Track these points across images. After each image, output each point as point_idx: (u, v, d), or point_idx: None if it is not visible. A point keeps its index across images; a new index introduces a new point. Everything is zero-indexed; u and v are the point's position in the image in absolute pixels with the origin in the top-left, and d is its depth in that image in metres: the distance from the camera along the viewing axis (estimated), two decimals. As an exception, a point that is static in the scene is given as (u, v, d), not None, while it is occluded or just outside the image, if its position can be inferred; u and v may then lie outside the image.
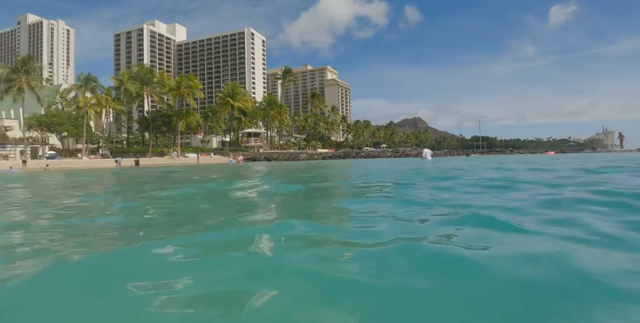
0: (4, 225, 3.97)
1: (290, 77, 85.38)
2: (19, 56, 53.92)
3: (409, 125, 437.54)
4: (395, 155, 71.08)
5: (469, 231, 2.83)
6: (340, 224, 3.67)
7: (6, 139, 56.13)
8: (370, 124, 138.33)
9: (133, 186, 10.84)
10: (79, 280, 1.97)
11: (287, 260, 2.21)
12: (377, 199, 5.28)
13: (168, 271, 2.09)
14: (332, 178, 12.24)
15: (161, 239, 3.08)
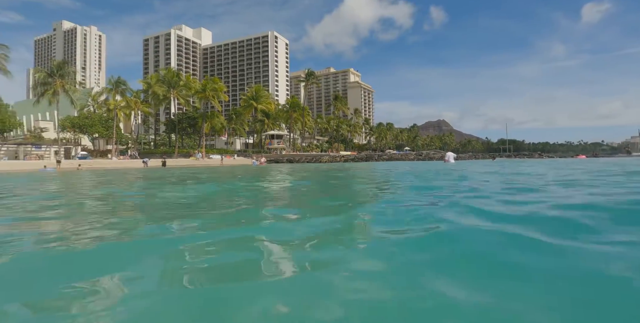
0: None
1: (313, 80, 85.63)
2: (54, 61, 56.26)
3: (432, 128, 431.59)
4: (419, 158, 70.05)
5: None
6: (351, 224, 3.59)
7: (42, 140, 58.72)
8: (393, 126, 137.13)
9: (159, 183, 11.03)
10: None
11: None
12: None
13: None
14: (355, 179, 12.11)
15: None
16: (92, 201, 6.41)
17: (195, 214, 4.56)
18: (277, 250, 2.49)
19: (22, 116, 69.95)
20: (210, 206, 5.56)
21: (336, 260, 2.20)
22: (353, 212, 4.31)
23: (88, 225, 3.77)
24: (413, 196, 5.97)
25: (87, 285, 1.83)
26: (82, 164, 40.01)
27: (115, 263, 2.26)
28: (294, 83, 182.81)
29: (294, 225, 3.54)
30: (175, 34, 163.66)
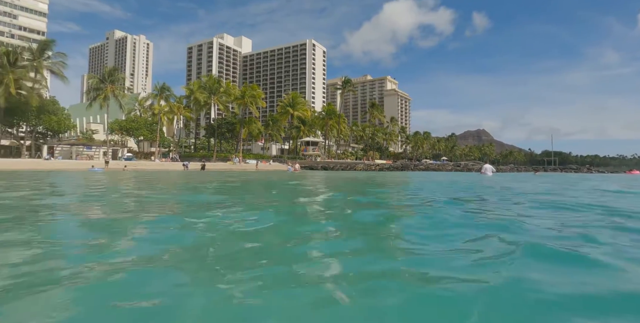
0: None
1: (349, 88, 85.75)
2: (106, 68, 59.80)
3: (471, 137, 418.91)
4: (457, 169, 68.00)
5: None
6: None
7: (92, 141, 62.35)
8: (430, 135, 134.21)
9: (198, 185, 11.34)
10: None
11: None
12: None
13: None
14: (392, 190, 11.87)
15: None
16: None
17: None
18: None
19: (76, 119, 74.56)
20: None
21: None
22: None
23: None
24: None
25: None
26: (127, 165, 42.02)
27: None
28: (331, 90, 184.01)
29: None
30: (217, 42, 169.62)
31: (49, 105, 57.73)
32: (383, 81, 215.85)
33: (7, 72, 47.12)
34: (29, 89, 50.37)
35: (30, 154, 53.96)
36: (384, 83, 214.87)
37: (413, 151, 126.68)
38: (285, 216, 5.03)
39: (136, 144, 75.38)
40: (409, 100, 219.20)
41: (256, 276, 2.20)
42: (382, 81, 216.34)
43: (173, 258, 2.66)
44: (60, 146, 56.85)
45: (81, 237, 3.52)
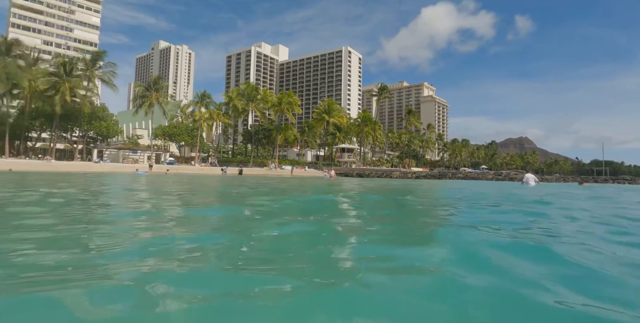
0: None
1: (385, 94, 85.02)
2: (151, 76, 62.83)
3: (513, 145, 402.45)
4: (497, 178, 65.27)
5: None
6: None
7: (137, 146, 65.47)
8: (469, 143, 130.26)
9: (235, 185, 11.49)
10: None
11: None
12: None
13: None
14: (436, 200, 11.48)
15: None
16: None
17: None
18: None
19: (123, 124, 78.63)
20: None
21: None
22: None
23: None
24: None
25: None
26: (169, 169, 43.67)
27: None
28: (366, 97, 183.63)
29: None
30: (255, 51, 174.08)
31: (100, 112, 61.33)
32: (420, 88, 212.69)
33: (64, 81, 50.55)
34: (82, 97, 53.77)
35: (82, 157, 57.41)
36: (421, 89, 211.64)
37: (450, 159, 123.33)
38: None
39: (178, 149, 78.40)
40: (446, 107, 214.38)
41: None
42: (419, 87, 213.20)
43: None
44: (108, 150, 60.13)
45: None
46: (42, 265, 2.42)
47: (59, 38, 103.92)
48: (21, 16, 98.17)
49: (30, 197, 7.84)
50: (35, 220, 4.47)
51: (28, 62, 52.56)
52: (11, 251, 2.76)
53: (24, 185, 12.48)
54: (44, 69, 54.99)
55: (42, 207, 5.88)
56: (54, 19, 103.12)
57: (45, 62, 57.94)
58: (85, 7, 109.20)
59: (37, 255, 2.75)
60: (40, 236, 3.47)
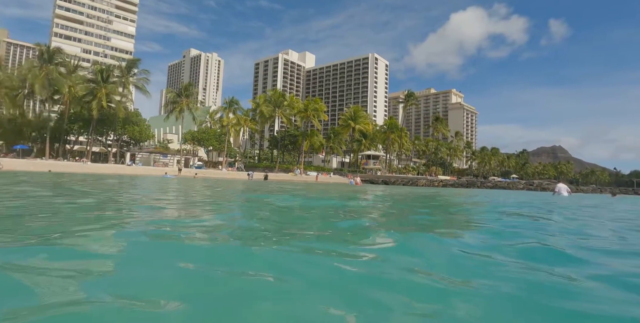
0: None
1: (412, 101, 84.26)
2: (182, 83, 64.72)
3: (546, 154, 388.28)
4: (529, 188, 63.07)
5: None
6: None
7: (168, 150, 67.36)
8: (499, 151, 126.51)
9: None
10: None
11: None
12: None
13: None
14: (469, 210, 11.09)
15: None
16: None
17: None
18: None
19: (155, 129, 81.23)
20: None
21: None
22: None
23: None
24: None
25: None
26: (197, 173, 44.55)
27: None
28: (393, 104, 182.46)
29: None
30: (282, 58, 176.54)
31: (133, 117, 63.61)
32: (447, 94, 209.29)
33: (101, 88, 52.83)
34: (118, 103, 55.98)
35: (116, 160, 59.57)
36: (449, 96, 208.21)
37: (479, 168, 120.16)
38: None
39: (206, 153, 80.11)
40: (475, 114, 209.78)
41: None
42: (447, 94, 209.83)
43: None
44: (140, 154, 62.14)
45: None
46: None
47: (97, 46, 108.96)
48: (63, 26, 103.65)
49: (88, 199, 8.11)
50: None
51: (68, 69, 55.37)
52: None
53: (72, 187, 12.95)
54: (82, 76, 57.80)
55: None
56: (93, 28, 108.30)
57: (84, 69, 60.90)
58: (122, 17, 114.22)
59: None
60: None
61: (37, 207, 5.79)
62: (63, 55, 55.35)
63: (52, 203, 6.70)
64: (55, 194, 8.70)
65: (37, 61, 53.03)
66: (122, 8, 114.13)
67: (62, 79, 51.98)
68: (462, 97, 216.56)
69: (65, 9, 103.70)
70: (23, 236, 3.34)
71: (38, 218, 4.56)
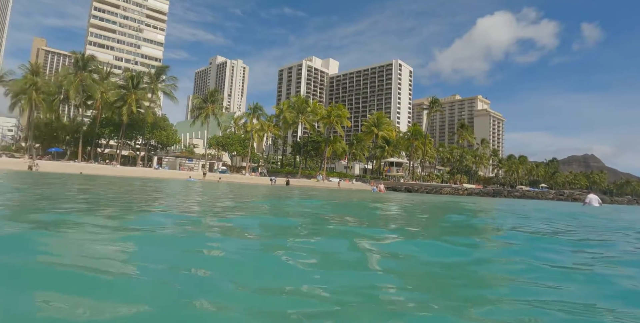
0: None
1: (437, 108, 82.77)
2: (208, 90, 66.09)
3: (577, 163, 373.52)
4: (559, 198, 60.66)
5: None
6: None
7: (193, 155, 68.67)
8: (527, 159, 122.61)
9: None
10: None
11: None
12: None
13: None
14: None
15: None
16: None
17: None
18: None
19: (181, 134, 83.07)
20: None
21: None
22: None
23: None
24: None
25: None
26: (221, 177, 45.15)
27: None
28: (417, 110, 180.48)
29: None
30: (306, 64, 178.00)
31: (161, 122, 65.29)
32: (473, 101, 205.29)
33: (131, 94, 54.57)
34: (147, 108, 57.66)
35: (143, 163, 61.20)
36: (474, 103, 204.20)
37: (506, 176, 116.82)
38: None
39: (230, 158, 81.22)
40: (502, 121, 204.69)
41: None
42: (472, 100, 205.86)
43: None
44: (167, 158, 63.62)
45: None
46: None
47: (129, 54, 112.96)
48: (97, 35, 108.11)
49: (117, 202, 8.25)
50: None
51: (101, 76, 57.61)
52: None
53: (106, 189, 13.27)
54: (114, 82, 60.02)
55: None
56: (124, 37, 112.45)
57: (116, 76, 63.20)
58: (152, 26, 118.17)
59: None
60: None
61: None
62: (96, 62, 57.67)
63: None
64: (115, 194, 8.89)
65: (72, 68, 55.39)
66: (152, 17, 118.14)
67: (95, 85, 54.07)
68: (489, 103, 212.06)
69: (99, 19, 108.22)
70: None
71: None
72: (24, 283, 1.90)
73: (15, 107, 53.58)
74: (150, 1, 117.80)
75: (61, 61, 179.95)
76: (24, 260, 2.40)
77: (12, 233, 3.39)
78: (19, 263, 2.31)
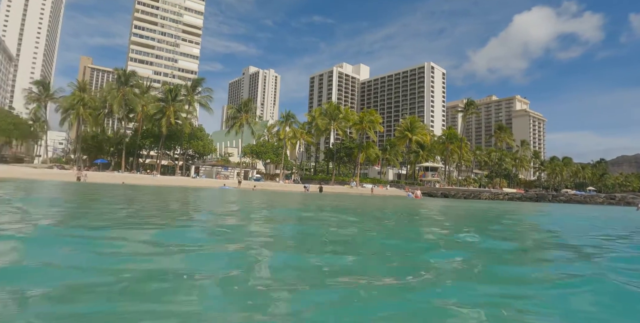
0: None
1: (472, 110, 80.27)
2: (242, 99, 67.75)
3: (628, 164, 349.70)
4: (610, 202, 56.96)
5: None
6: None
7: (228, 163, 70.37)
8: (572, 161, 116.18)
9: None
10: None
11: None
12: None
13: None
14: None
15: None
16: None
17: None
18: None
19: (217, 143, 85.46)
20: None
21: None
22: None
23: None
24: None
25: None
26: (256, 185, 45.84)
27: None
28: (451, 113, 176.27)
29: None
30: (337, 71, 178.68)
31: (197, 132, 67.51)
32: (511, 101, 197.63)
33: (169, 106, 56.90)
34: (184, 119, 59.88)
35: (182, 172, 63.39)
36: (512, 103, 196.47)
37: (549, 179, 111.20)
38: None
39: (264, 166, 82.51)
40: (542, 121, 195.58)
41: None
42: (510, 101, 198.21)
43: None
44: (204, 167, 65.57)
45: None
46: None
47: (166, 68, 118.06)
48: (137, 51, 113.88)
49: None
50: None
51: (142, 90, 60.56)
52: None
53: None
54: (154, 95, 62.96)
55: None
56: (162, 52, 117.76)
57: (155, 89, 66.21)
58: (187, 41, 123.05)
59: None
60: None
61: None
62: (137, 77, 60.76)
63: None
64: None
65: (115, 84, 58.63)
66: (188, 32, 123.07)
67: (136, 99, 56.95)
68: (528, 103, 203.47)
69: (139, 36, 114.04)
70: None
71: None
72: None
73: (65, 122, 57.18)
74: (186, 17, 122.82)
75: (105, 77, 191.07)
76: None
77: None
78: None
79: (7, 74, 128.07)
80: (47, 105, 61.98)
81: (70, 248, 3.67)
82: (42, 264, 2.92)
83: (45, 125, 66.46)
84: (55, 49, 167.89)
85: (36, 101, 59.42)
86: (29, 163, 72.18)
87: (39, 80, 63.49)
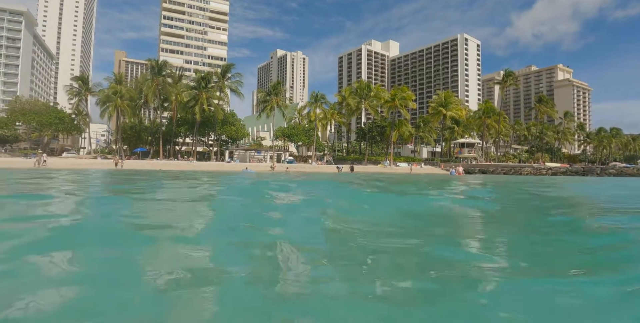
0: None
1: (511, 81, 75.94)
2: (271, 83, 67.72)
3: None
4: (666, 174, 53.04)
5: None
6: None
7: (261, 147, 71.41)
8: (621, 132, 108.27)
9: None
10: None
11: None
12: None
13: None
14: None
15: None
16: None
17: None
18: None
19: (249, 128, 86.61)
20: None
21: None
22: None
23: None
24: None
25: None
26: (289, 167, 46.31)
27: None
28: (488, 86, 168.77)
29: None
30: (366, 49, 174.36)
31: (230, 117, 68.55)
32: (552, 71, 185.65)
33: (202, 93, 57.94)
34: (216, 106, 60.91)
35: (217, 158, 65.05)
36: (554, 73, 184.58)
37: (595, 152, 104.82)
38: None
39: (295, 148, 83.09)
40: (588, 91, 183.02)
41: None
42: (552, 70, 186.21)
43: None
44: (237, 151, 66.90)
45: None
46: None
47: (196, 56, 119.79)
48: (168, 42, 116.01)
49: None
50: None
51: (174, 79, 61.93)
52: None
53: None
54: (186, 84, 64.30)
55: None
56: (191, 40, 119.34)
57: (187, 78, 67.49)
58: (215, 28, 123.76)
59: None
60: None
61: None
62: (169, 67, 62.06)
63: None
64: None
65: (149, 74, 60.26)
66: (215, 19, 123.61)
67: (170, 88, 58.40)
68: (571, 72, 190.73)
69: (168, 26, 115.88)
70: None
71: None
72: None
73: (105, 114, 59.76)
74: (212, 4, 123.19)
75: (139, 69, 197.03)
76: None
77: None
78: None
79: (50, 72, 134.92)
80: (88, 99, 64.89)
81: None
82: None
83: (87, 118, 69.79)
84: (91, 45, 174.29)
85: (77, 96, 62.26)
86: (75, 154, 76.63)
87: (78, 76, 66.22)
